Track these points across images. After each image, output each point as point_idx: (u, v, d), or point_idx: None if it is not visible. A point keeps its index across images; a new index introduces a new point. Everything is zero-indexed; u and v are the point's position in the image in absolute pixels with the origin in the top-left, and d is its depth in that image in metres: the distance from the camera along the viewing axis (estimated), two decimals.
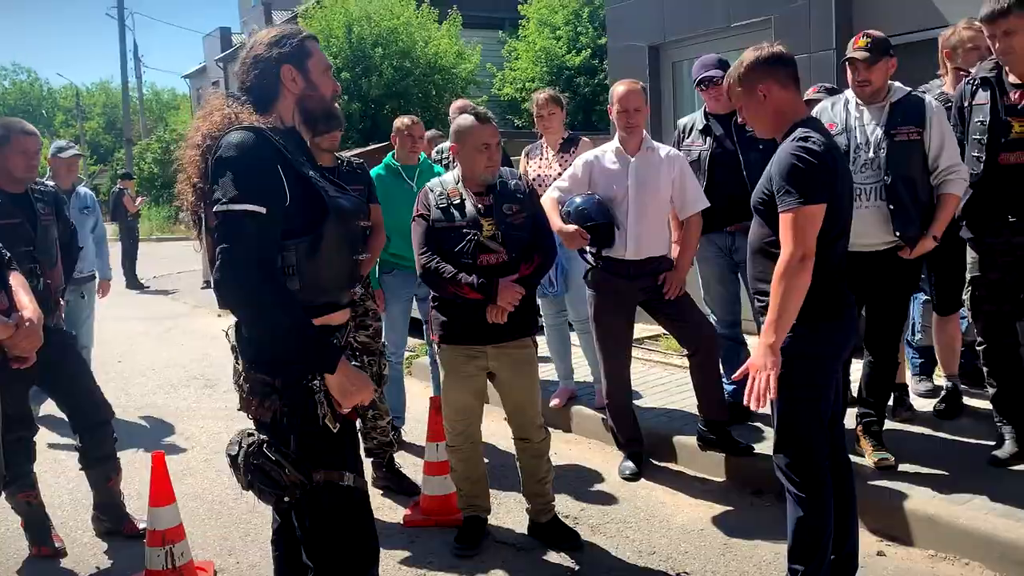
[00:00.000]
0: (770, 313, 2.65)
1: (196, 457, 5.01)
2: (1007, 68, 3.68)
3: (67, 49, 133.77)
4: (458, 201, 3.48)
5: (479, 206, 3.47)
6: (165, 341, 8.93)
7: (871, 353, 4.02)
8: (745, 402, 2.66)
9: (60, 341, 3.70)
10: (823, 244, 2.67)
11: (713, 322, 4.51)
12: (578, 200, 4.22)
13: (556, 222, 4.10)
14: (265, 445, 2.25)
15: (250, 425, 2.37)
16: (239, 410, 2.35)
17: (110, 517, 3.95)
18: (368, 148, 11.99)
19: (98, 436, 3.82)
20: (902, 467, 3.85)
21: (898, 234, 3.74)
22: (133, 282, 13.39)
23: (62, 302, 4.00)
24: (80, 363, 3.81)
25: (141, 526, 3.81)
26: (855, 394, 4.21)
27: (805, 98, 4.42)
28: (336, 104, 2.52)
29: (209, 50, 43.59)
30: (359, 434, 3.28)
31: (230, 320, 2.38)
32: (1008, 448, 3.84)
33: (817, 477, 2.80)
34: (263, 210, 2.14)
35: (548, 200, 4.24)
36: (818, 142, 2.69)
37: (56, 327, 3.77)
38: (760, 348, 2.65)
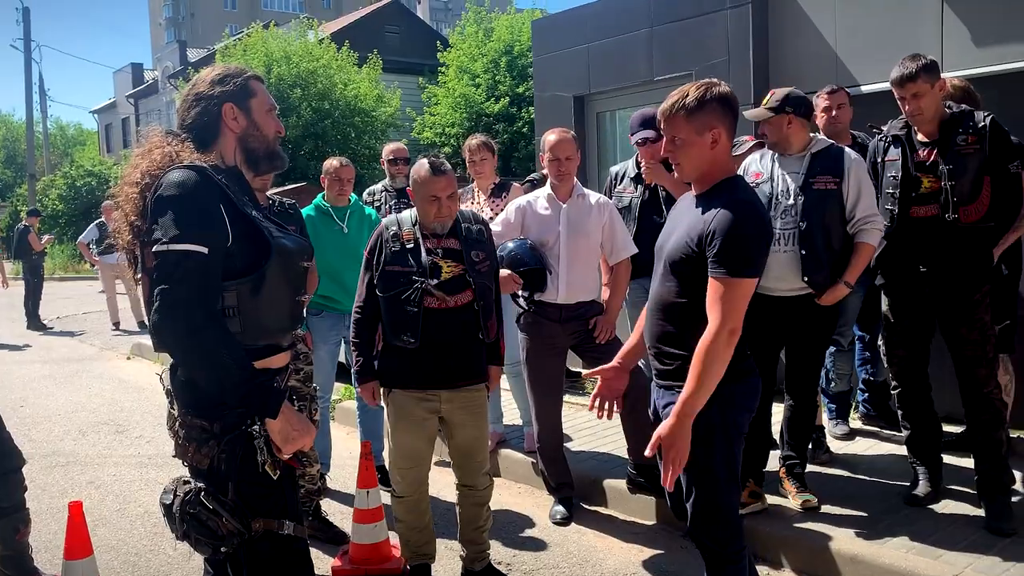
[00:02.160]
0: (689, 385, 2.41)
1: (109, 507, 4.77)
2: (916, 127, 3.90)
3: None
4: (412, 246, 3.44)
5: (438, 249, 3.44)
6: (71, 385, 8.50)
7: (791, 397, 4.14)
8: (663, 482, 2.47)
9: None
10: None
11: (642, 365, 4.56)
12: (511, 245, 4.26)
13: None
14: (202, 493, 2.18)
15: (165, 472, 2.28)
16: (174, 456, 2.26)
17: (16, 571, 3.72)
18: (285, 188, 11.85)
19: (8, 485, 3.62)
20: (824, 508, 3.96)
21: (806, 279, 3.83)
22: (35, 323, 12.77)
23: None
24: None
25: None
26: (777, 438, 4.32)
27: (752, 144, 4.59)
28: (279, 145, 2.49)
29: (120, 85, 42.65)
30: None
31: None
32: (923, 488, 4.01)
33: (742, 541, 2.67)
34: (205, 250, 2.09)
35: None
36: (760, 208, 2.53)
37: None
38: (672, 420, 2.43)
